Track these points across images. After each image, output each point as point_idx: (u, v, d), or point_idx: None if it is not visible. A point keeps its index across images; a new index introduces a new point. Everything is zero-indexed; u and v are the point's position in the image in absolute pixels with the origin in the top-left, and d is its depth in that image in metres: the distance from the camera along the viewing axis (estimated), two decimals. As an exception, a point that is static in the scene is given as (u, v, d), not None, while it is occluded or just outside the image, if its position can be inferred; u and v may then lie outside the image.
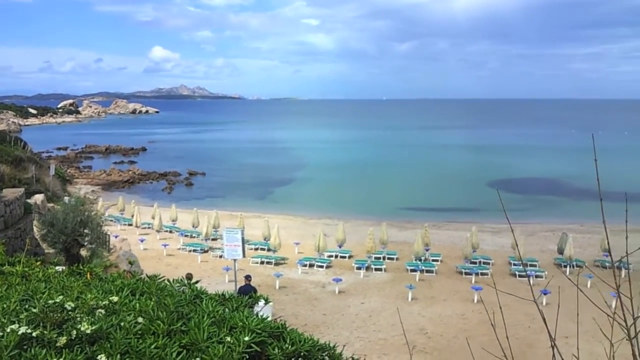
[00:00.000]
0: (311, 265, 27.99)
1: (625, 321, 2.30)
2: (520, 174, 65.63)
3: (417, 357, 16.75)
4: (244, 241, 22.56)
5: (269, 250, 30.25)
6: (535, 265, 27.62)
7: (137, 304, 2.85)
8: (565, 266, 27.66)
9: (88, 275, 3.77)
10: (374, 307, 21.93)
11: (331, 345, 2.75)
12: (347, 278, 25.88)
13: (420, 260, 28.32)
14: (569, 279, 3.04)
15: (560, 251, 28.47)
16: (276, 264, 28.52)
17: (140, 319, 2.66)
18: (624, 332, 2.22)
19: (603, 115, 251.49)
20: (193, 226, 35.00)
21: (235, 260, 22.12)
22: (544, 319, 2.40)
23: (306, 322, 19.99)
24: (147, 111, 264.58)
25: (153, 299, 2.95)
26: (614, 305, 2.61)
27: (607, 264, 28.75)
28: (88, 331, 2.47)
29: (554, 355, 2.31)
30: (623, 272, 27.45)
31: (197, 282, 3.40)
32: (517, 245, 23.89)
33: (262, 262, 28.62)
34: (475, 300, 21.32)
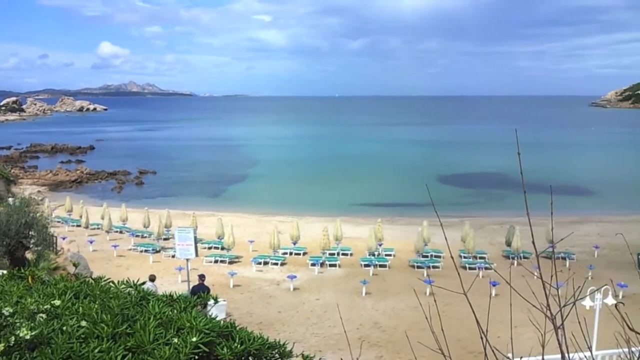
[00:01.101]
0: (266, 263, 27.90)
1: (550, 309, 2.39)
2: (469, 168, 67.20)
3: (371, 350, 16.95)
4: (196, 240, 22.32)
5: (222, 248, 29.97)
6: (484, 258, 28.36)
7: (81, 307, 2.78)
8: (513, 258, 28.52)
9: (29, 279, 3.64)
10: (328, 302, 22.05)
11: (281, 342, 2.74)
12: (302, 275, 25.94)
13: (373, 255, 28.64)
14: (494, 275, 3.13)
15: (508, 243, 29.32)
16: (230, 263, 28.30)
17: (83, 323, 2.60)
18: (550, 321, 2.31)
19: (547, 111, 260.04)
20: (144, 226, 34.31)
21: (188, 259, 21.85)
22: (473, 312, 2.47)
23: (261, 320, 19.94)
24: (95, 109, 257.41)
25: (97, 302, 2.89)
26: (559, 294, 2.70)
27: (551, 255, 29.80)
28: (27, 337, 2.39)
29: (485, 346, 2.38)
30: (568, 262, 28.59)
31: (143, 283, 3.33)
32: (444, 241, 24.45)
33: (215, 261, 28.35)
34: (428, 293, 21.72)
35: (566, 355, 2.26)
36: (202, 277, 18.99)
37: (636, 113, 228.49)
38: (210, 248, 31.02)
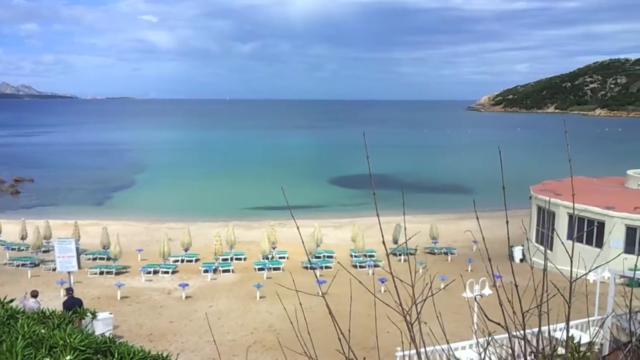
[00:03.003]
0: (156, 272, 26.95)
1: (401, 307, 2.51)
2: (359, 170, 69.11)
3: (266, 354, 16.91)
4: (78, 251, 21.10)
5: (108, 259, 28.60)
6: (373, 256, 29.30)
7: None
8: (400, 255, 29.72)
9: None
10: (222, 309, 21.73)
11: (165, 355, 2.64)
12: (194, 282, 25.35)
13: (267, 258, 28.63)
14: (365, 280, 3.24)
15: (395, 241, 30.52)
16: (117, 274, 27.02)
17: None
18: (403, 317, 2.42)
19: (428, 115, 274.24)
20: (21, 238, 31.81)
21: (70, 272, 20.59)
22: (328, 307, 2.54)
23: (151, 332, 19.22)
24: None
25: (-43, 324, 2.61)
26: (442, 287, 2.83)
27: (435, 250, 31.46)
28: None
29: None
30: (450, 257, 30.28)
31: (11, 300, 3.06)
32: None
33: (101, 273, 26.94)
34: (320, 293, 22.07)
35: (422, 350, 2.37)
36: (70, 290, 17.95)
37: (507, 116, 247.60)
38: (95, 259, 29.51)
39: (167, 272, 27.01)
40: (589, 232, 25.99)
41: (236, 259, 29.40)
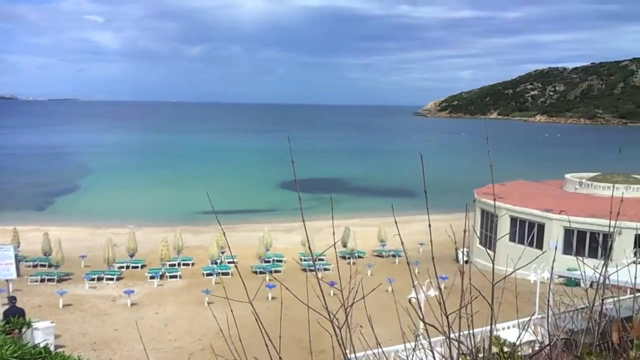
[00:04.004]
0: (100, 279, 26.25)
1: (327, 311, 2.58)
2: (307, 174, 69.30)
3: (215, 361, 16.70)
4: (17, 258, 20.35)
5: (50, 266, 27.67)
6: (323, 260, 29.45)
7: None
8: (349, 257, 29.99)
9: None
10: (169, 315, 21.36)
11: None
12: (140, 289, 24.83)
13: (216, 263, 28.34)
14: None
15: (344, 244, 30.78)
16: (59, 281, 26.16)
17: None
18: (329, 321, 2.47)
19: (377, 120, 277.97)
20: (-47, 245, 30.35)
21: (8, 280, 19.83)
22: (255, 315, 2.58)
23: (95, 341, 18.70)
24: None
25: None
26: (390, 290, 2.90)
27: (383, 253, 31.91)
28: None
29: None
30: (397, 259, 30.76)
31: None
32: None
33: (42, 280, 26.02)
34: (270, 298, 21.99)
35: (351, 355, 2.41)
36: (12, 299, 17.29)
37: (452, 122, 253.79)
38: (35, 266, 28.48)
39: (111, 279, 26.34)
40: (529, 233, 26.96)
41: (184, 264, 28.97)
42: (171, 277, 26.86)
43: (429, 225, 3.02)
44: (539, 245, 26.11)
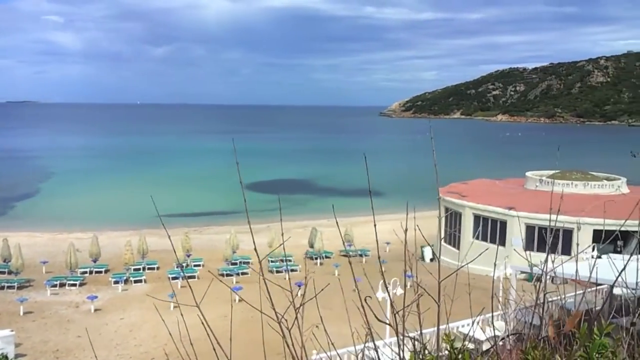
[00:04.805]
0: (62, 285, 25.68)
1: (275, 312, 2.60)
2: (272, 175, 69.22)
3: (182, 365, 16.51)
4: (-25, 266, 19.74)
5: (9, 272, 26.99)
6: (290, 261, 29.43)
7: None
8: (316, 258, 30.05)
9: None
10: (134, 321, 21.02)
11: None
12: (104, 294, 24.38)
13: (182, 266, 28.03)
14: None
15: (311, 245, 30.85)
16: (19, 288, 25.48)
17: None
18: (277, 323, 2.48)
19: (343, 120, 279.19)
20: None
21: (-36, 288, 19.20)
22: (204, 321, 2.59)
23: (57, 348, 18.28)
24: None
25: None
26: (359, 289, 2.91)
27: (350, 253, 32.08)
28: None
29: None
30: (364, 258, 30.98)
31: None
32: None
33: (1, 287, 25.33)
34: (237, 300, 21.86)
35: (304, 357, 2.41)
36: None
37: (416, 122, 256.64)
38: (-7, 273, 27.64)
39: (74, 285, 25.80)
40: (492, 230, 27.49)
41: (149, 268, 28.58)
42: (136, 281, 26.46)
43: (374, 225, 3.07)
44: (502, 242, 26.65)
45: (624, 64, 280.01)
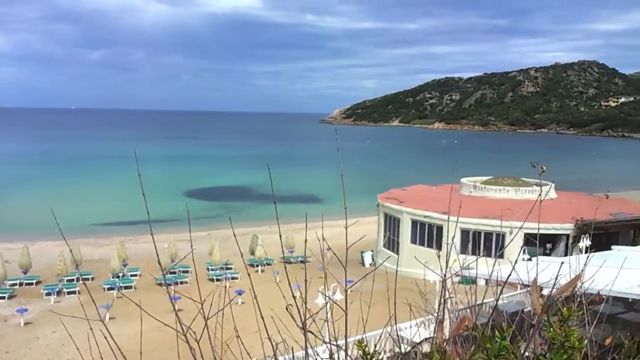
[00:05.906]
0: (-12, 298, 24.41)
1: (182, 325, 2.60)
2: (212, 182, 68.45)
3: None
4: None
5: None
6: (231, 268, 29.14)
7: None
8: (257, 265, 29.88)
9: None
10: (67, 334, 20.14)
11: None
12: (35, 307, 23.37)
13: (118, 277, 27.25)
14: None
15: (252, 252, 30.66)
16: (-60, 302, 24.04)
17: None
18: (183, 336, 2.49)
19: (284, 127, 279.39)
20: None
21: None
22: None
23: (-17, 365, 17.36)
24: None
25: None
26: (298, 295, 2.91)
27: (292, 260, 32.09)
28: None
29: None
30: (305, 265, 31.02)
31: None
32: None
33: None
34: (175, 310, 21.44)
35: None
36: None
37: (357, 129, 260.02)
38: None
39: (2, 297, 24.62)
40: (429, 235, 28.16)
41: (83, 278, 27.60)
42: (69, 293, 25.52)
43: (280, 236, 3.10)
44: (439, 246, 27.33)
45: (552, 74, 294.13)
